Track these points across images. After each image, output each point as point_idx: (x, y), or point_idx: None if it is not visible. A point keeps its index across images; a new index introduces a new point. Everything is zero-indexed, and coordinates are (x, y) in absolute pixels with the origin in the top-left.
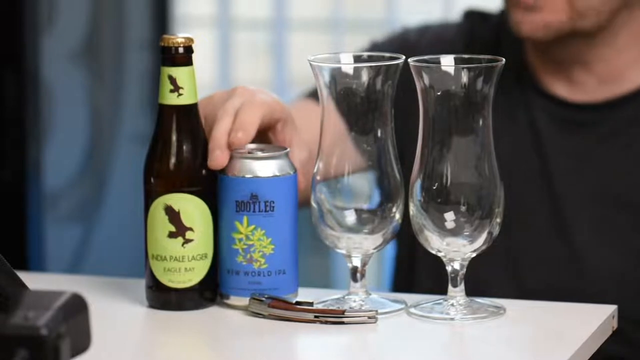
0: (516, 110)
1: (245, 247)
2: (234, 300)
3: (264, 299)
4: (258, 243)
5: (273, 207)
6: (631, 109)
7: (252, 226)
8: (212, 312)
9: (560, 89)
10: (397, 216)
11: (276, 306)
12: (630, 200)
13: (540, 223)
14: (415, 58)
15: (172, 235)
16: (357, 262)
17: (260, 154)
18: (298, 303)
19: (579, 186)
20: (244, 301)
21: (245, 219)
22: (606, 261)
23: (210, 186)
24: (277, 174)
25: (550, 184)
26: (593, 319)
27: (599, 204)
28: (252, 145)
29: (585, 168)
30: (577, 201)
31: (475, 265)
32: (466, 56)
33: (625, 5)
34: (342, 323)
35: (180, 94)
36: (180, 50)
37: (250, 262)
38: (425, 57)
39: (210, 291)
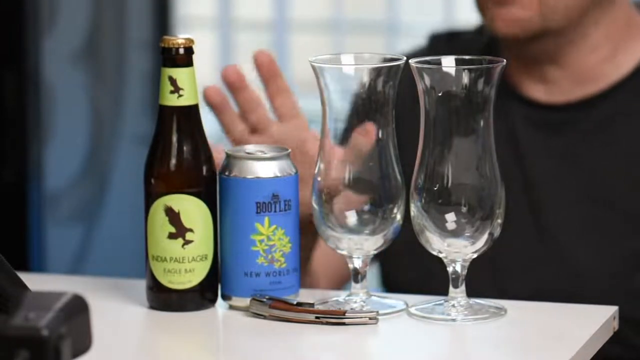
0: (494, 117)
1: (266, 247)
2: (236, 301)
3: (264, 299)
4: (279, 243)
5: (290, 205)
6: (607, 107)
7: (274, 226)
8: (213, 313)
9: (536, 92)
10: (398, 217)
11: (277, 307)
12: (611, 198)
13: (523, 227)
14: (416, 59)
15: (172, 236)
16: (358, 263)
17: (273, 154)
18: (299, 304)
19: (559, 188)
20: (245, 302)
21: (266, 220)
22: (591, 262)
23: (211, 187)
24: (292, 171)
25: (532, 188)
26: (594, 320)
27: (581, 204)
28: (251, 147)
29: (565, 169)
30: (559, 203)
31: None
32: (467, 57)
33: (596, 3)
34: (343, 324)
35: (180, 95)
36: (181, 51)
37: (272, 262)
38: (426, 57)
39: (210, 292)
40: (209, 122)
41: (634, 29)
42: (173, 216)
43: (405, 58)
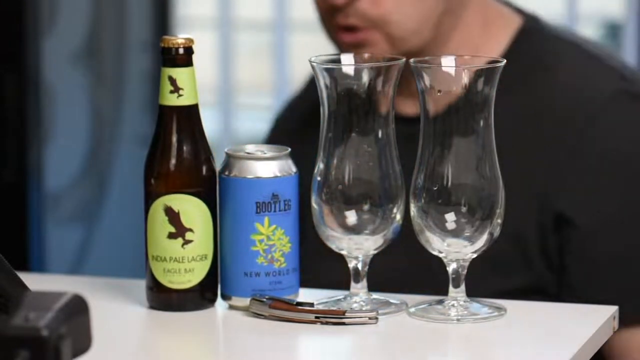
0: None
1: (266, 247)
2: (235, 301)
3: (264, 299)
4: (279, 242)
5: (290, 205)
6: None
7: (273, 226)
8: (213, 313)
9: (404, 106)
10: (398, 217)
11: (277, 307)
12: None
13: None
14: (416, 59)
15: (172, 236)
16: (358, 263)
17: (273, 153)
18: (299, 304)
19: None
20: (245, 302)
21: (266, 219)
22: None
23: (210, 187)
24: (292, 171)
25: None
26: (593, 320)
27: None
28: (251, 147)
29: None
30: None
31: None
32: (467, 57)
33: (446, 13)
34: (343, 324)
35: (180, 95)
36: (181, 51)
37: (272, 262)
38: (426, 57)
39: (210, 292)
40: (209, 122)
41: (491, 27)
42: (173, 216)
43: (404, 58)
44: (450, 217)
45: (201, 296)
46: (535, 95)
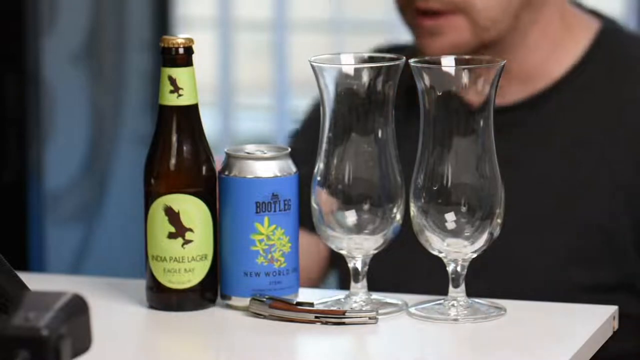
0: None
1: (266, 247)
2: (235, 301)
3: (264, 299)
4: (278, 242)
5: (290, 205)
6: (549, 106)
7: (273, 226)
8: (213, 313)
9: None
10: (398, 217)
11: (277, 307)
12: (553, 198)
13: None
14: (416, 59)
15: (172, 236)
16: (357, 262)
17: (273, 153)
18: (299, 304)
19: (507, 190)
20: (245, 302)
21: (266, 219)
22: (535, 259)
23: (210, 187)
24: (292, 171)
25: None
26: (593, 320)
27: (525, 205)
28: (252, 147)
29: (511, 171)
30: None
31: (412, 277)
32: (467, 57)
33: (526, 6)
34: (343, 324)
35: (180, 95)
36: (180, 51)
37: (272, 262)
38: (426, 57)
39: (210, 292)
40: (209, 122)
41: (571, 25)
42: (173, 216)
43: (404, 58)
44: (450, 217)
45: (201, 296)
46: (619, 92)
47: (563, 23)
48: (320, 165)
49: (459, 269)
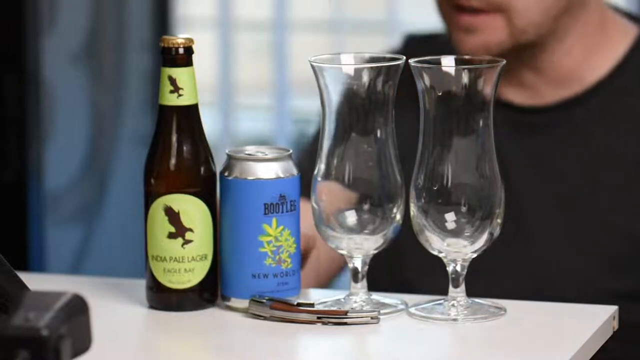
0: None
1: (274, 249)
2: (242, 303)
3: (264, 300)
4: (286, 243)
5: (295, 206)
6: (582, 110)
7: (281, 227)
8: (213, 313)
9: (514, 95)
10: (398, 217)
11: (277, 308)
12: (586, 201)
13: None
14: (416, 59)
15: (171, 236)
16: (358, 262)
17: (276, 154)
18: (299, 304)
19: (536, 191)
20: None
21: (274, 220)
22: (566, 264)
23: (210, 187)
24: (295, 172)
25: (509, 190)
26: (594, 320)
27: (557, 207)
28: (252, 148)
29: (541, 172)
30: (536, 205)
31: (436, 275)
32: (467, 57)
33: (567, 10)
34: (345, 324)
35: (180, 95)
36: (181, 51)
37: (279, 263)
38: (426, 57)
39: (210, 292)
40: (209, 122)
41: (608, 29)
42: (173, 216)
43: (404, 58)
44: (450, 217)
45: (201, 296)
46: None
47: (601, 28)
48: (320, 166)
49: (458, 269)
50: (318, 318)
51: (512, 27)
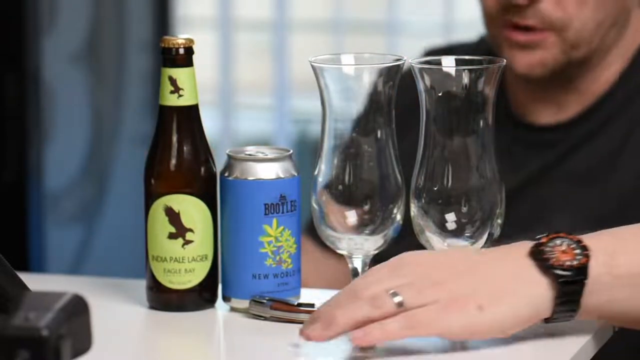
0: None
1: (274, 249)
2: (241, 303)
3: (265, 301)
4: (286, 244)
5: (295, 206)
6: (598, 117)
7: (281, 227)
8: (213, 314)
9: (542, 114)
10: (398, 217)
11: (278, 308)
12: (619, 215)
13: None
14: (417, 59)
15: (172, 236)
16: (358, 263)
17: (276, 155)
18: (300, 305)
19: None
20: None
21: (275, 221)
22: None
23: (211, 187)
24: (295, 173)
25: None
26: (594, 320)
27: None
28: (252, 148)
29: (577, 188)
30: (569, 223)
31: None
32: (467, 57)
33: (614, 25)
34: None
35: (180, 95)
36: (181, 51)
37: (280, 263)
38: (427, 58)
39: (210, 292)
40: (209, 122)
41: None
42: (173, 216)
43: (405, 58)
44: (450, 217)
45: (201, 296)
46: None
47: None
48: (321, 166)
49: None
50: None
51: (565, 44)
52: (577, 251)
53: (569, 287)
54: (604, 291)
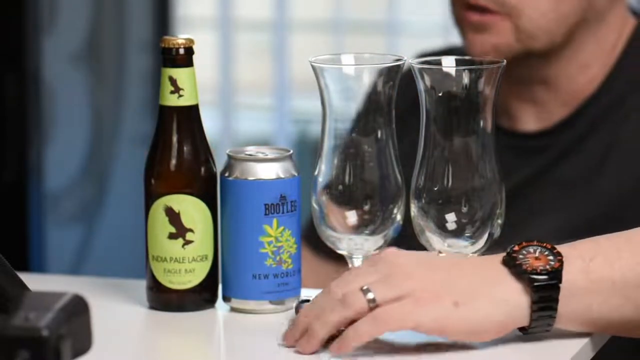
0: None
1: (275, 249)
2: (242, 303)
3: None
4: (286, 244)
5: (295, 206)
6: (583, 123)
7: (282, 227)
8: (213, 314)
9: (525, 118)
10: (398, 217)
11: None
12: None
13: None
14: (417, 60)
15: (172, 236)
16: (358, 263)
17: (276, 155)
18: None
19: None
20: (250, 304)
21: (275, 221)
22: None
23: (211, 187)
24: (295, 173)
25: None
26: None
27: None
28: (252, 148)
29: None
30: (556, 228)
31: None
32: (467, 57)
33: (584, 20)
34: None
35: (180, 95)
36: (181, 51)
37: (280, 263)
38: (427, 58)
39: (210, 292)
40: (209, 122)
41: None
42: (173, 216)
43: (405, 58)
44: (450, 217)
45: (201, 296)
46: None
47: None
48: (321, 166)
49: None
50: None
51: (520, 31)
52: (550, 257)
53: (545, 292)
54: (581, 296)
